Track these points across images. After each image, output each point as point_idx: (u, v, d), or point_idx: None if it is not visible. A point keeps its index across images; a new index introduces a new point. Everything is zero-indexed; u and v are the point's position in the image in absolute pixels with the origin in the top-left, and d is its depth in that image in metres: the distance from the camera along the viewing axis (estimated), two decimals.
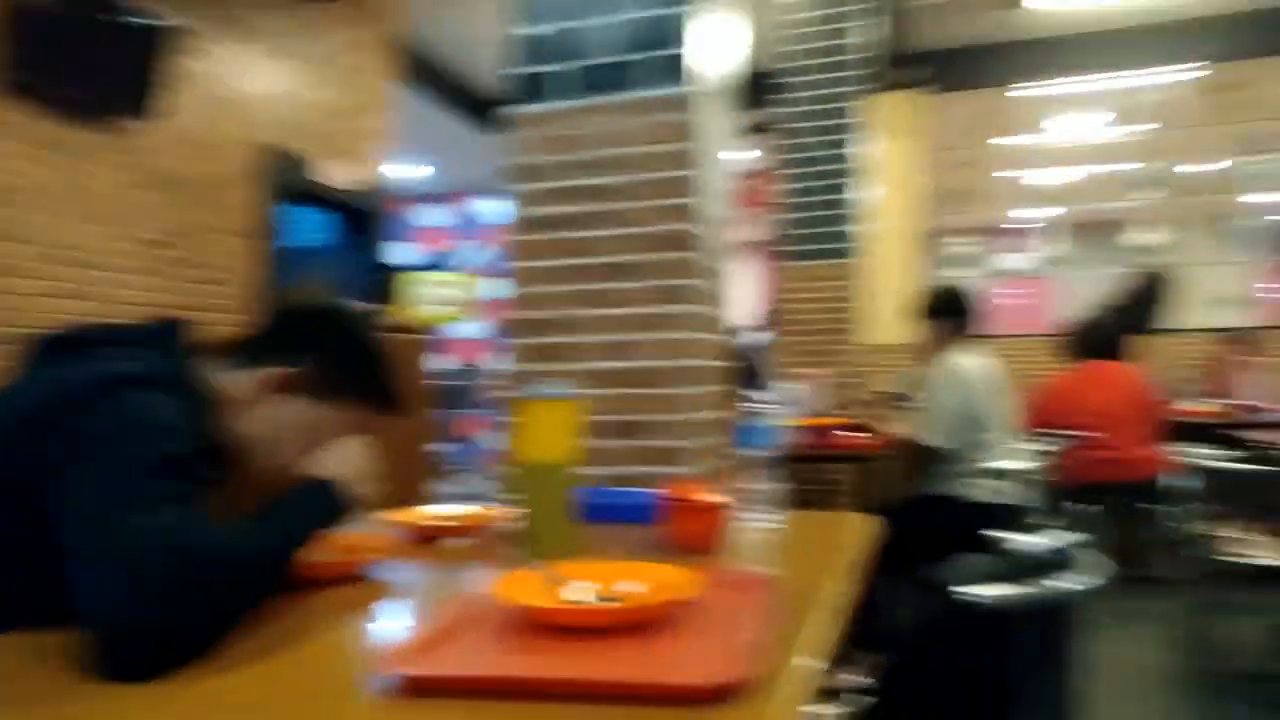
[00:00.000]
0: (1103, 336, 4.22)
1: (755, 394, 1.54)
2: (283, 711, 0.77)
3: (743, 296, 8.11)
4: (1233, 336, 6.36)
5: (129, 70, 4.10)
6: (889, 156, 7.37)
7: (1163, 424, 4.13)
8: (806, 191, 5.10)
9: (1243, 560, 2.79)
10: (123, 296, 4.15)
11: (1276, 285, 8.48)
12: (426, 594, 1.22)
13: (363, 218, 6.14)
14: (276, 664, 0.89)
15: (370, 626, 1.06)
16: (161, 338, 1.18)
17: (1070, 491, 3.94)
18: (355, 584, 1.18)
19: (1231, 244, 7.75)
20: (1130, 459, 3.92)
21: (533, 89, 2.31)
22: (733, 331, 2.61)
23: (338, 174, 5.72)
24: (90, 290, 4.02)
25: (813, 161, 5.10)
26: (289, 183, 5.29)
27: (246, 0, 4.99)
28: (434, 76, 7.50)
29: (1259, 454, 3.91)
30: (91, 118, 4.04)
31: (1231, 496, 2.81)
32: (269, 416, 1.18)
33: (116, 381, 1.04)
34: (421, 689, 0.77)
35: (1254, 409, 4.45)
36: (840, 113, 5.07)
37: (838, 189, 5.06)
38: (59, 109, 3.88)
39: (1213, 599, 2.88)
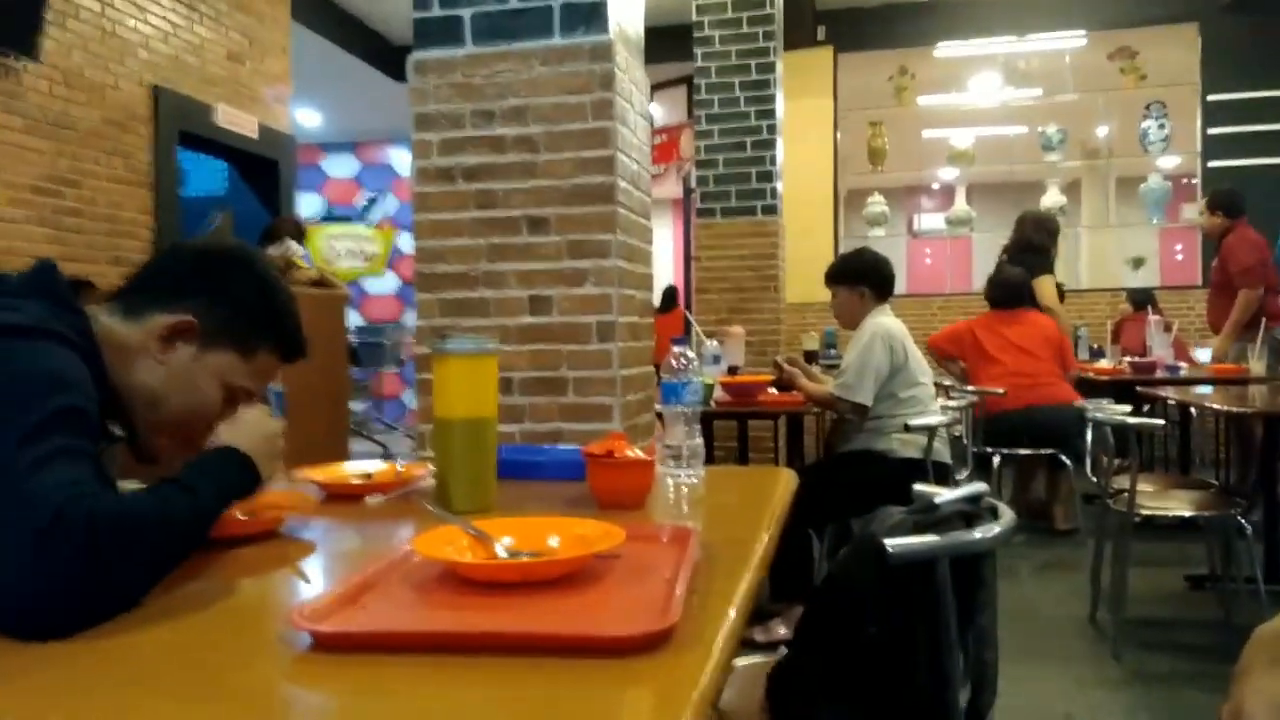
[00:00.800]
0: (1019, 291, 4.46)
1: (678, 350, 1.53)
2: (197, 670, 0.75)
3: (661, 252, 8.11)
4: (1138, 296, 6.62)
5: (13, 5, 3.82)
6: (805, 115, 7.42)
7: (1071, 361, 4.44)
8: (727, 148, 5.10)
9: (1152, 511, 2.93)
10: (8, 247, 3.92)
11: (1177, 246, 8.88)
12: (345, 551, 1.20)
13: (265, 166, 5.89)
14: (190, 622, 0.86)
15: (286, 584, 1.02)
16: (42, 286, 1.08)
17: (992, 429, 4.09)
18: (272, 541, 1.14)
19: (1135, 207, 8.06)
20: (1043, 387, 4.21)
21: (442, 33, 2.22)
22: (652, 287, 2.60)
23: (238, 119, 5.47)
24: None
25: (735, 117, 5.09)
26: (185, 128, 5.04)
27: None
28: (340, 19, 7.21)
29: (1162, 409, 4.12)
30: None
31: (1137, 450, 2.94)
32: (162, 366, 1.11)
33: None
34: (337, 646, 0.75)
35: (1156, 365, 4.66)
36: (763, 68, 5.06)
37: (759, 146, 5.07)
38: None
39: (1124, 550, 3.02)
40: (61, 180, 4.21)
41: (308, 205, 9.86)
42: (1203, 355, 5.01)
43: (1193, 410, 4.50)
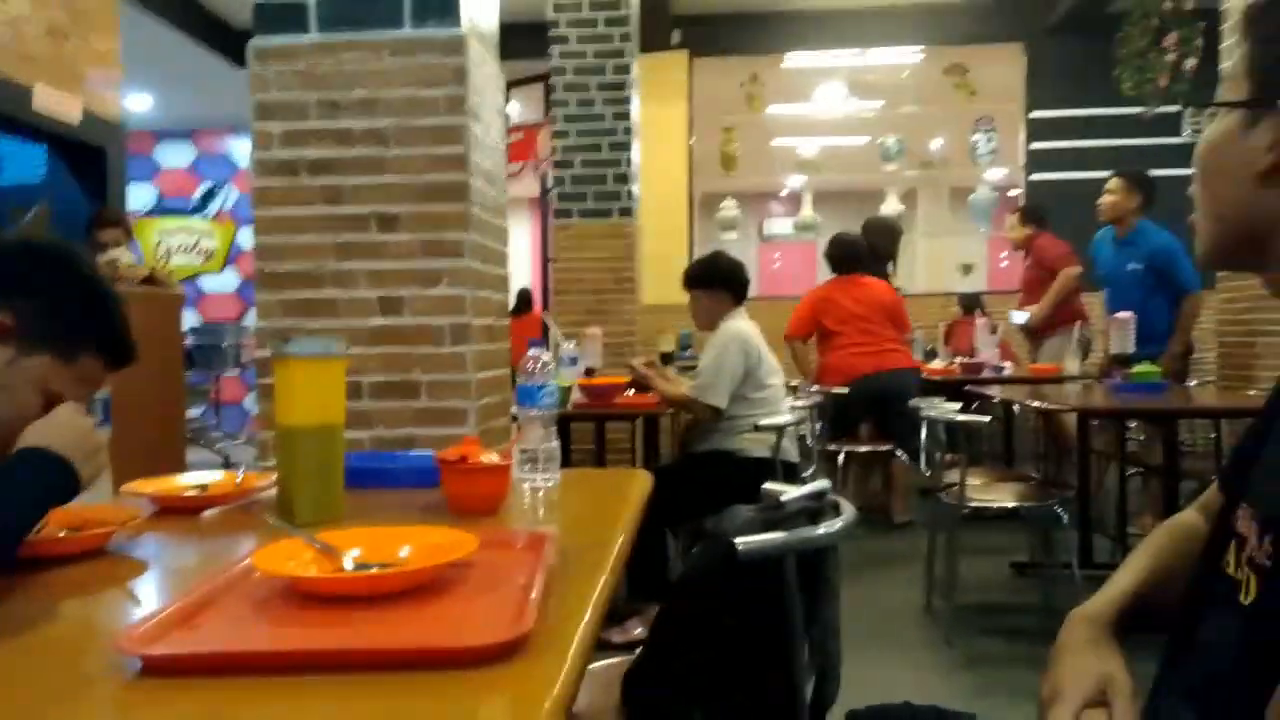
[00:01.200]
0: (855, 251, 4.78)
1: (534, 353, 1.52)
2: (11, 703, 0.69)
3: (518, 253, 8.05)
4: (967, 300, 7.03)
5: None
6: (661, 118, 7.52)
7: (906, 324, 4.81)
8: (584, 148, 5.10)
9: (979, 503, 3.12)
10: None
11: (1003, 254, 9.50)
12: (179, 569, 1.13)
13: (90, 154, 5.47)
14: (5, 650, 0.80)
15: (114, 606, 0.96)
16: None
17: (839, 402, 4.27)
18: (98, 560, 1.07)
19: (966, 216, 8.58)
20: (885, 354, 4.51)
21: (286, 18, 2.12)
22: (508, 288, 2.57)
23: (58, 103, 5.06)
24: None
25: (591, 118, 5.10)
26: (0, 109, 4.63)
27: None
28: None
29: (988, 407, 4.39)
30: None
31: (967, 445, 3.13)
32: None
33: None
34: (170, 670, 0.71)
35: (983, 366, 4.97)
36: (619, 69, 5.10)
37: (615, 147, 5.10)
38: None
39: (955, 540, 3.20)
40: None
41: (138, 196, 9.22)
42: (1019, 317, 5.47)
43: (1015, 408, 4.83)
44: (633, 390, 3.56)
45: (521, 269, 9.26)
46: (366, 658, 0.73)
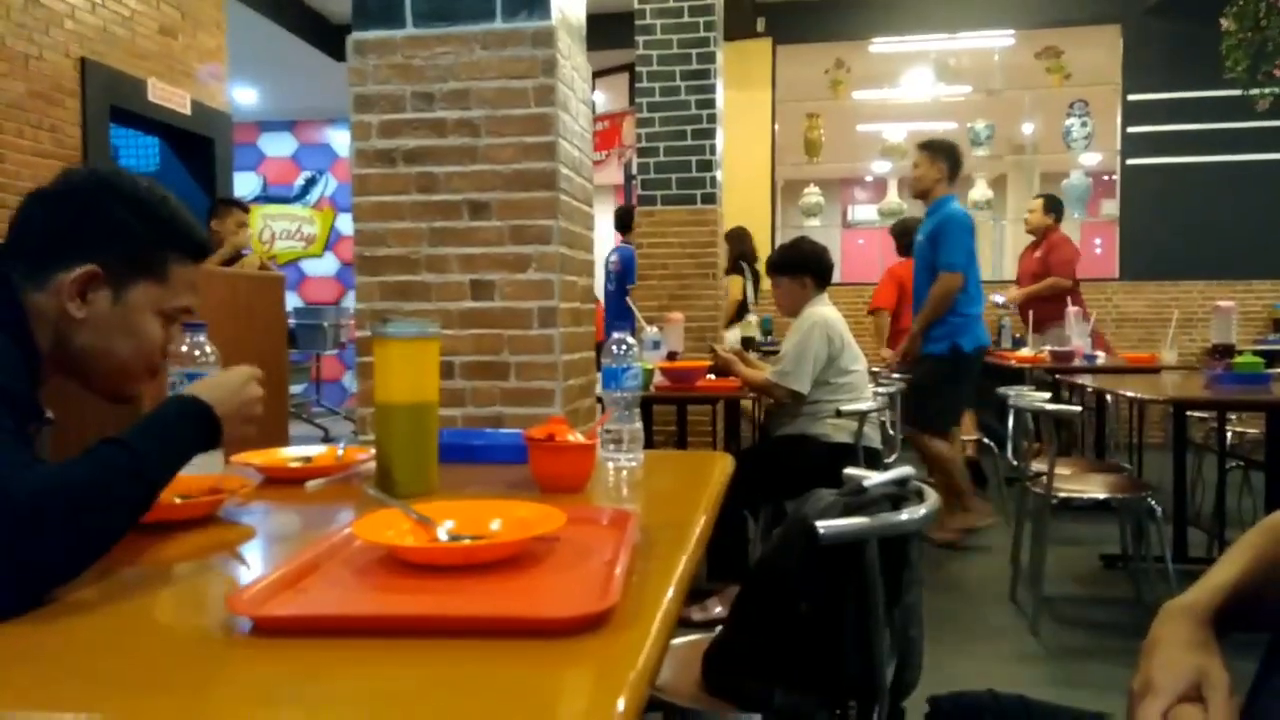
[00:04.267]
0: (907, 229, 5.09)
1: (618, 336, 1.55)
2: (133, 658, 0.74)
3: (601, 239, 8.10)
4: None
5: None
6: (744, 105, 7.48)
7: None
8: (668, 135, 5.12)
9: (1069, 494, 3.05)
10: None
11: (1096, 240, 9.17)
12: (284, 535, 1.19)
13: (199, 143, 5.73)
14: (126, 608, 0.85)
15: (225, 569, 1.02)
16: None
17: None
18: (210, 526, 1.13)
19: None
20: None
21: (382, 13, 2.19)
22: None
23: (170, 95, 5.31)
24: None
25: (675, 106, 5.11)
26: (116, 103, 4.88)
27: None
28: None
29: (1079, 396, 4.27)
30: None
31: (1056, 435, 3.05)
32: (88, 324, 1.09)
33: None
34: (276, 630, 0.75)
35: (1074, 354, 4.83)
36: (703, 58, 5.09)
37: (699, 134, 5.10)
38: None
39: (1042, 530, 3.14)
40: None
41: (244, 184, 9.60)
42: (999, 298, 5.75)
43: (1108, 397, 4.68)
44: (714, 374, 3.57)
45: (605, 254, 9.33)
46: (459, 624, 0.75)
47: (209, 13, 5.72)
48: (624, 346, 1.53)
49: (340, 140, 10.07)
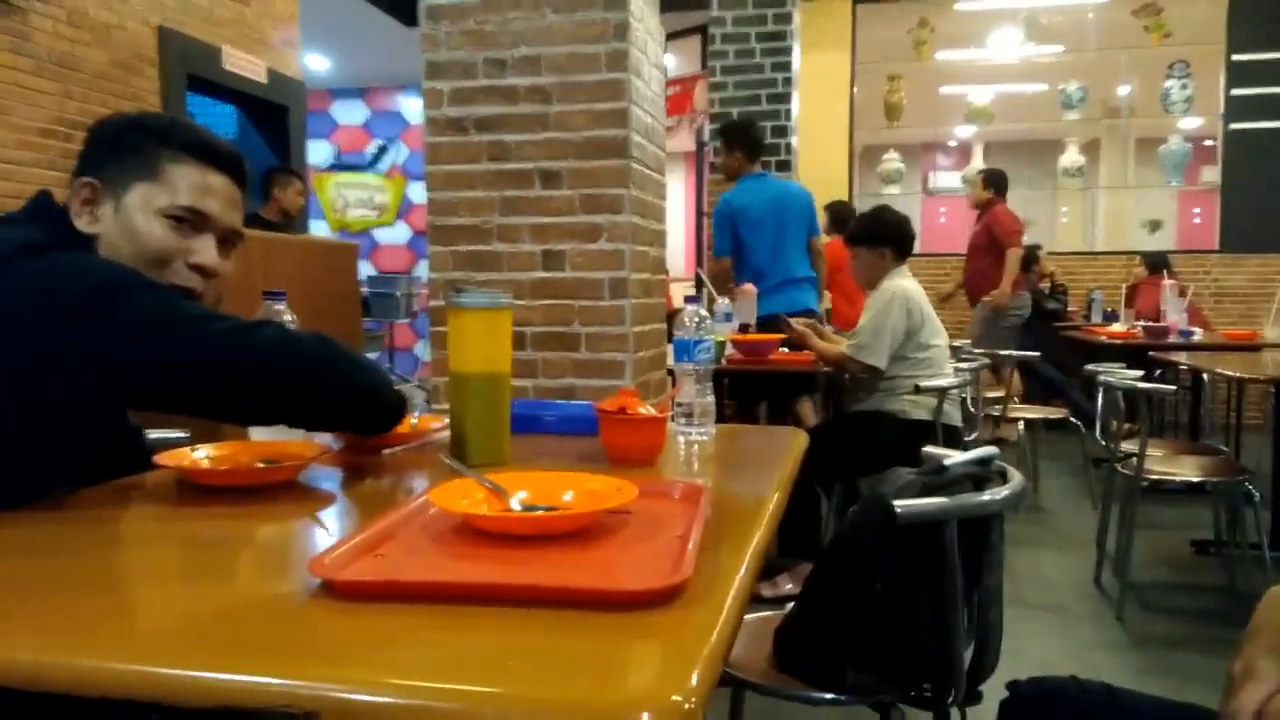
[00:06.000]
0: None
1: (691, 308, 1.53)
2: (215, 618, 0.75)
3: (672, 208, 8.04)
4: (1153, 259, 6.57)
5: None
6: (821, 68, 7.31)
7: None
8: (742, 101, 5.03)
9: (1160, 476, 2.94)
10: (18, 190, 3.91)
11: (1195, 210, 8.78)
12: (362, 501, 1.20)
13: (274, 111, 5.83)
14: (210, 569, 0.87)
15: (305, 533, 1.03)
16: (40, 212, 1.13)
17: None
18: (291, 491, 1.15)
19: (1154, 168, 7.95)
20: None
21: None
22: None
23: (245, 63, 5.41)
24: None
25: (750, 70, 5.02)
26: (193, 71, 4.99)
27: None
28: None
29: (1173, 374, 4.11)
30: None
31: (1149, 415, 2.94)
32: (101, 236, 1.13)
33: (38, 247, 1.01)
34: (355, 594, 0.76)
35: (1169, 330, 4.64)
36: (780, 19, 4.98)
37: (774, 99, 5.00)
38: None
39: (1130, 513, 3.03)
40: (70, 123, 4.19)
41: (317, 152, 9.77)
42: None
43: (1204, 376, 4.49)
44: (787, 347, 3.52)
45: (675, 224, 9.28)
46: (533, 593, 0.75)
47: None
48: (696, 318, 1.51)
49: (411, 108, 10.15)
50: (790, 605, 1.42)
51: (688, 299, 1.57)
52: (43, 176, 4.03)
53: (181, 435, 1.71)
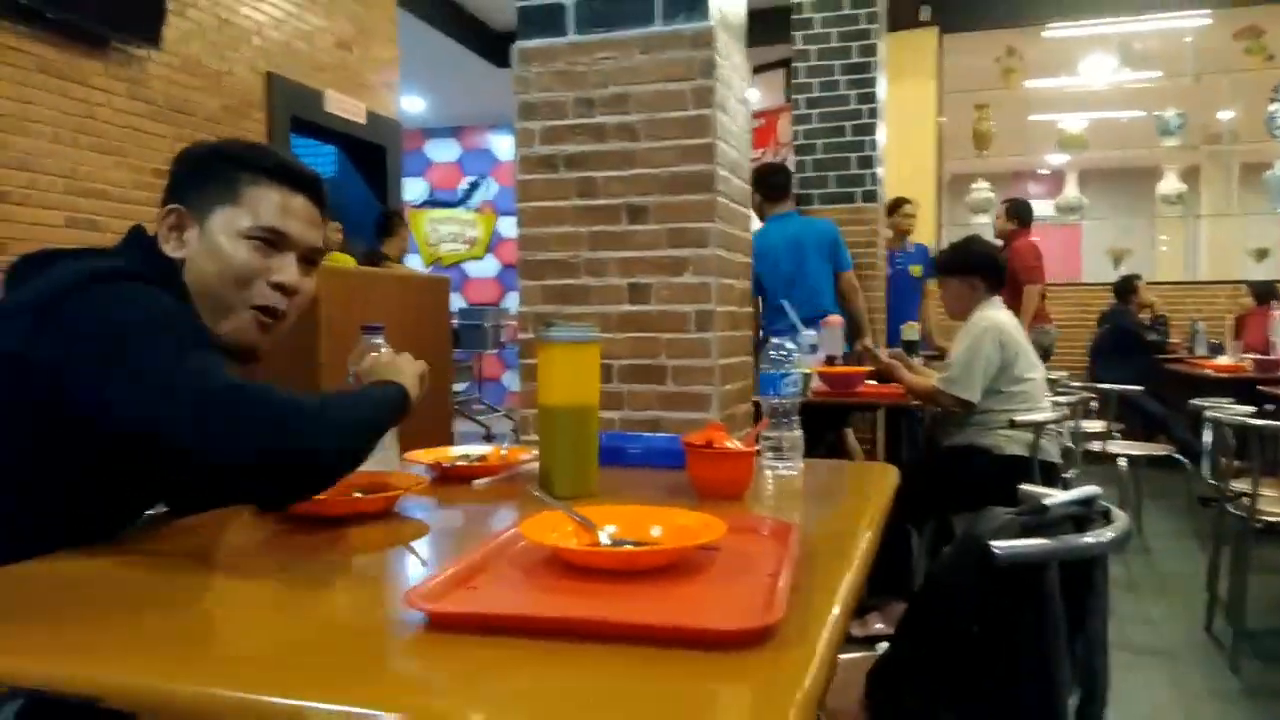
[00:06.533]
0: None
1: (777, 341, 1.52)
2: (311, 647, 0.77)
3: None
4: (1261, 289, 6.27)
5: None
6: (907, 98, 7.23)
7: None
8: (826, 132, 5.01)
9: (1275, 518, 2.78)
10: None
11: None
12: (454, 532, 1.23)
13: (372, 151, 6.05)
14: (308, 598, 0.89)
15: (400, 563, 1.05)
16: (133, 243, 1.19)
17: None
18: (386, 520, 1.18)
19: (1260, 195, 7.61)
20: None
21: (546, 21, 2.24)
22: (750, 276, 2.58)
23: (346, 106, 5.63)
24: (106, 221, 4.01)
25: (834, 101, 5.00)
26: (297, 113, 5.22)
27: None
28: (444, 6, 7.34)
29: None
30: (102, 44, 3.98)
31: (1261, 452, 2.78)
32: (188, 261, 1.17)
33: (107, 275, 1.05)
34: (449, 625, 0.77)
35: (1279, 364, 4.41)
36: (864, 50, 4.95)
37: (860, 130, 4.97)
38: (71, 35, 3.81)
39: (1243, 557, 2.88)
40: None
41: (412, 190, 10.08)
42: None
43: None
44: (875, 380, 3.46)
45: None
46: (623, 630, 0.75)
47: (382, 25, 6.03)
48: (782, 351, 1.49)
49: (500, 145, 10.41)
50: (882, 645, 1.39)
51: (774, 332, 1.56)
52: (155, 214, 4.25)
53: None
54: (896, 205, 5.42)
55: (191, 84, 4.50)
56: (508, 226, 10.30)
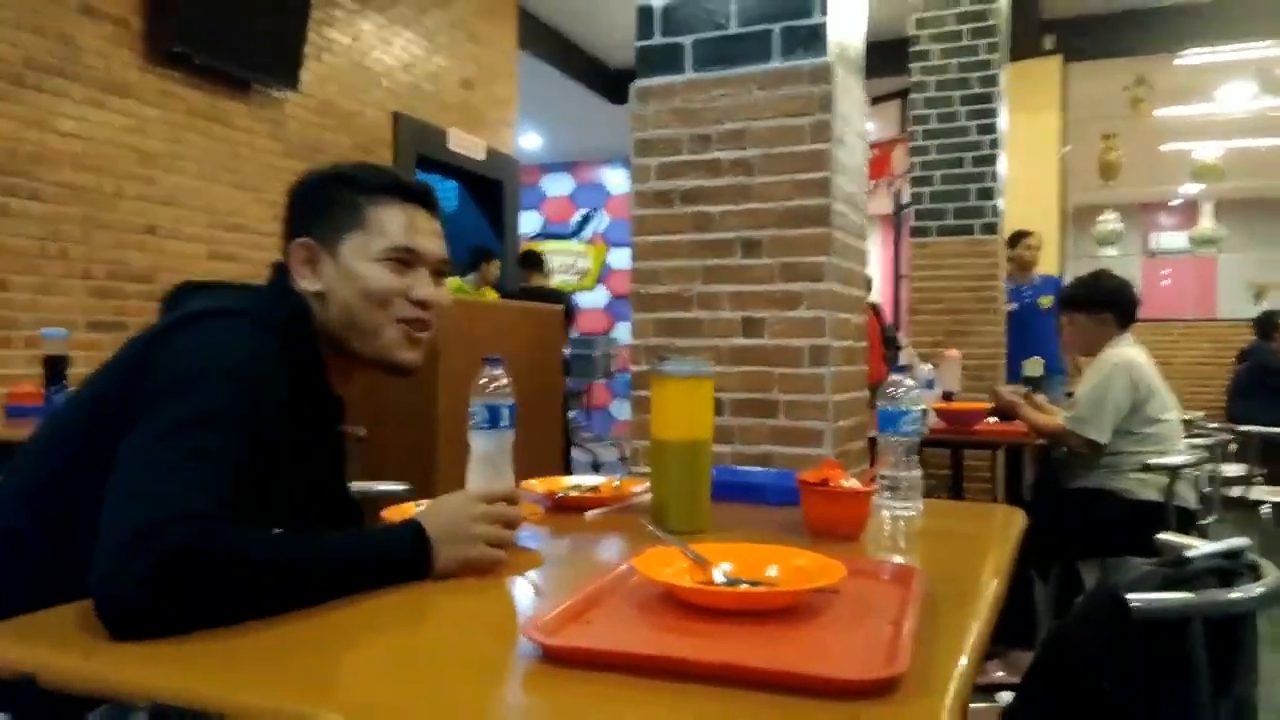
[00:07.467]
0: None
1: (896, 377, 1.48)
2: (427, 674, 0.78)
3: (876, 273, 7.90)
4: None
5: (281, 41, 4.27)
6: (1029, 128, 7.02)
7: None
8: (945, 164, 4.91)
9: None
10: (269, 259, 4.36)
11: None
12: (569, 563, 1.23)
13: (490, 186, 6.24)
14: (420, 628, 0.91)
15: (515, 593, 1.06)
16: (270, 281, 1.21)
17: None
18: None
19: None
20: None
21: (664, 60, 2.27)
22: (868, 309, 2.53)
23: (467, 143, 5.83)
24: (245, 254, 4.24)
25: (953, 132, 4.90)
26: (422, 151, 5.42)
27: None
28: (562, 45, 7.53)
29: None
30: (245, 87, 4.24)
31: None
32: (326, 291, 1.17)
33: (199, 315, 1.05)
34: (564, 660, 0.77)
35: None
36: (985, 81, 4.84)
37: (979, 161, 4.85)
38: (217, 79, 4.08)
39: None
40: None
41: (527, 223, 10.36)
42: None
43: None
44: (995, 418, 3.34)
45: (873, 285, 9.08)
46: (738, 673, 0.74)
47: (503, 64, 6.24)
48: (902, 388, 1.46)
49: (612, 179, 10.60)
50: (1003, 695, 1.33)
51: (895, 368, 1.53)
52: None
53: (403, 488, 1.83)
54: (1019, 238, 5.24)
55: (325, 124, 4.75)
56: (617, 258, 10.44)
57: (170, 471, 0.88)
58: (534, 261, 6.30)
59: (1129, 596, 1.04)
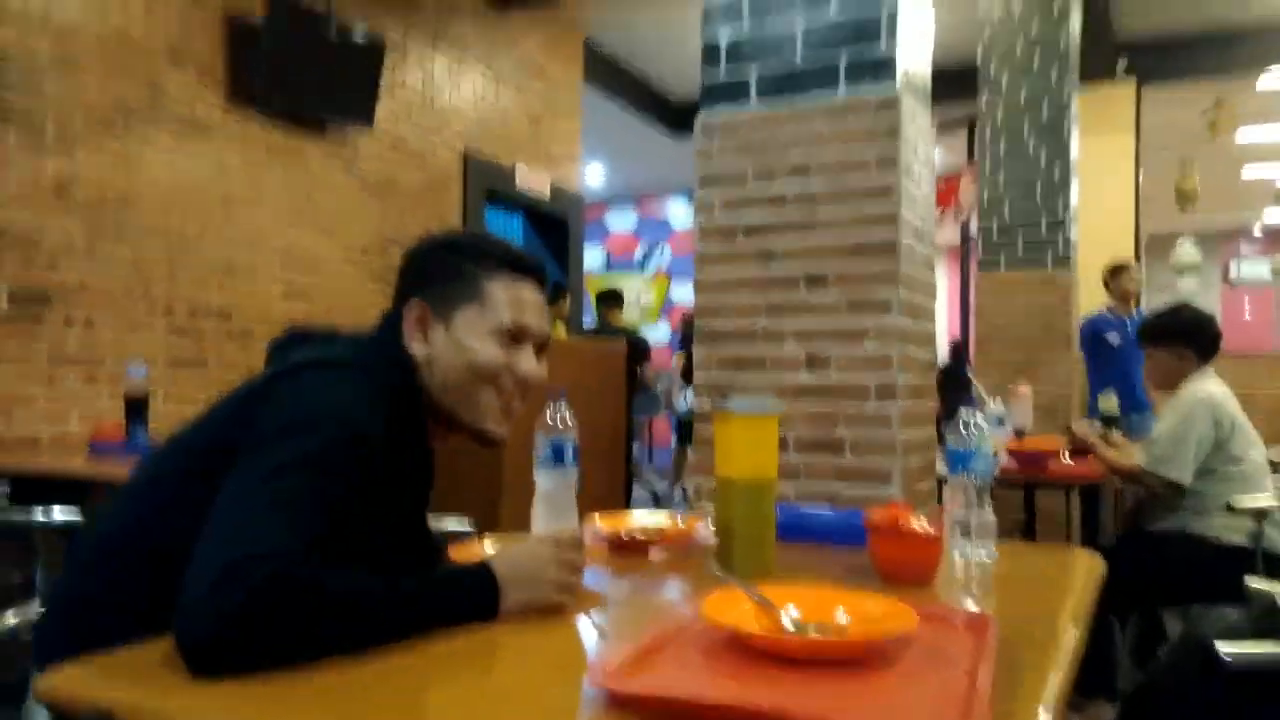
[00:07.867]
0: None
1: (964, 412, 1.45)
2: (493, 715, 0.78)
3: (942, 307, 7.77)
4: None
5: (355, 82, 4.40)
6: (1102, 154, 6.87)
7: None
8: (1014, 194, 4.82)
9: None
10: (343, 302, 4.47)
11: None
12: (632, 604, 1.21)
13: (555, 222, 6.31)
14: (490, 670, 0.91)
15: (578, 634, 1.06)
16: (378, 332, 1.22)
17: None
18: None
19: None
20: None
21: (729, 94, 2.28)
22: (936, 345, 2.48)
23: (533, 179, 5.92)
24: (317, 293, 4.35)
25: (1023, 161, 4.81)
26: (490, 187, 5.52)
27: (451, 11, 5.25)
28: (626, 81, 7.62)
29: None
30: (321, 127, 4.37)
31: None
32: (433, 357, 1.18)
33: (307, 365, 1.07)
34: (629, 705, 0.76)
35: None
36: (1056, 108, 4.76)
37: (1050, 191, 4.76)
38: (294, 119, 4.22)
39: None
40: (385, 238, 4.76)
41: (591, 258, 10.45)
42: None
43: None
44: (1070, 457, 3.24)
45: (939, 319, 8.93)
46: None
47: (568, 100, 6.33)
48: (972, 426, 1.42)
49: (675, 213, 10.64)
50: None
51: (962, 402, 1.49)
52: (363, 287, 4.59)
53: (466, 528, 1.84)
54: (1120, 270, 4.99)
55: (399, 163, 4.87)
56: (679, 292, 10.46)
57: (266, 511, 0.90)
58: (615, 300, 6.42)
59: (1220, 647, 0.99)
